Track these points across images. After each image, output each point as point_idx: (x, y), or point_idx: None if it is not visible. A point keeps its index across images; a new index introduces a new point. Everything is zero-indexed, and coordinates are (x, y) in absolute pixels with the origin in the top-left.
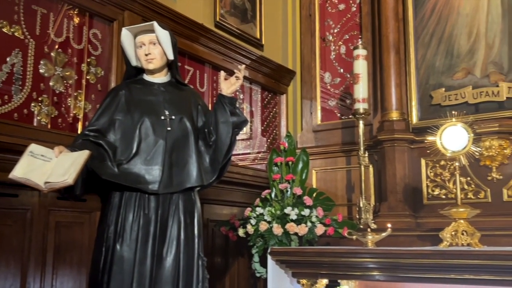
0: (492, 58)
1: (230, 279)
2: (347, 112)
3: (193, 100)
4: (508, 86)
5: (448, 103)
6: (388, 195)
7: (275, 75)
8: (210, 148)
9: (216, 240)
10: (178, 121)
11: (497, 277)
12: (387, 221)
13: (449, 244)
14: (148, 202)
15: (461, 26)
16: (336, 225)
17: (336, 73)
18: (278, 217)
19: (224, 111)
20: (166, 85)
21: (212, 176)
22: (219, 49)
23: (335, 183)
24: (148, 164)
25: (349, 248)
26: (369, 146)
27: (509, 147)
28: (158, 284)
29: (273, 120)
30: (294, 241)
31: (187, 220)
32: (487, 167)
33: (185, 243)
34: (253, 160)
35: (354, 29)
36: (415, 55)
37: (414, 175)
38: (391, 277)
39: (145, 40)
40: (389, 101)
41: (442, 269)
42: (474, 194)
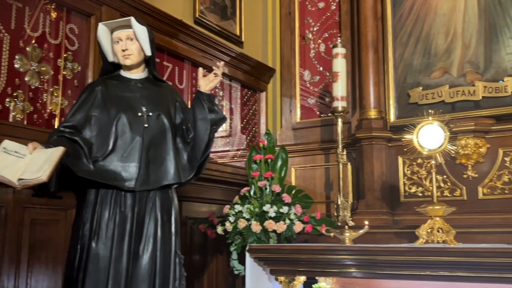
0: (469, 58)
1: (208, 277)
2: (326, 110)
3: (171, 96)
4: (483, 85)
5: (425, 102)
6: (366, 192)
7: (255, 72)
8: (188, 145)
9: (195, 238)
10: (156, 118)
11: (471, 274)
12: (365, 218)
13: (425, 241)
14: (124, 199)
15: (438, 25)
16: (314, 223)
17: (316, 71)
18: (257, 215)
19: (203, 108)
20: (144, 81)
21: (190, 173)
22: (198, 46)
23: (313, 180)
24: (124, 161)
25: (327, 245)
26: (348, 144)
27: (484, 146)
28: (134, 282)
29: (253, 117)
30: (273, 238)
31: (164, 218)
32: (463, 165)
33: (162, 241)
34: (232, 157)
35: (334, 27)
36: (393, 54)
37: (391, 173)
38: (368, 274)
39: (122, 36)
40: (367, 100)
41: (418, 266)
42: (450, 192)
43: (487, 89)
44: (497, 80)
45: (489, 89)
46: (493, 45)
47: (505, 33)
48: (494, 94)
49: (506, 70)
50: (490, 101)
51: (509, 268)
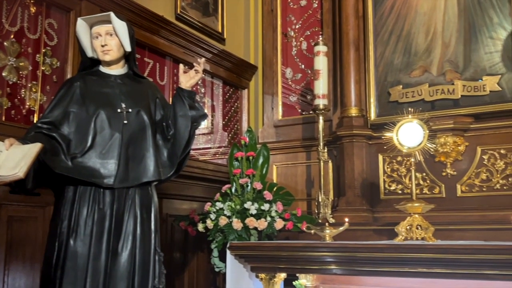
0: (448, 57)
1: (189, 274)
2: (307, 108)
3: (151, 93)
4: (463, 84)
5: (405, 100)
6: (347, 190)
7: (237, 69)
8: (168, 142)
9: (175, 235)
10: (135, 114)
11: (449, 270)
12: (345, 215)
13: (404, 238)
14: (103, 196)
15: (418, 24)
16: (295, 220)
17: (298, 68)
18: (238, 212)
19: (183, 105)
20: (123, 77)
21: (170, 170)
22: (180, 42)
23: (295, 178)
24: (103, 158)
25: (307, 243)
26: (329, 141)
27: (463, 144)
28: (113, 280)
29: (235, 114)
30: (254, 235)
31: (144, 215)
32: (442, 163)
33: (141, 238)
34: (214, 154)
35: (315, 25)
36: (374, 52)
37: (371, 170)
38: (348, 270)
39: (101, 31)
40: (349, 98)
41: (397, 263)
42: (429, 190)
43: (466, 88)
44: (476, 79)
45: (468, 88)
46: (472, 44)
47: (484, 33)
48: (473, 92)
49: (485, 69)
50: (469, 99)
51: (486, 264)
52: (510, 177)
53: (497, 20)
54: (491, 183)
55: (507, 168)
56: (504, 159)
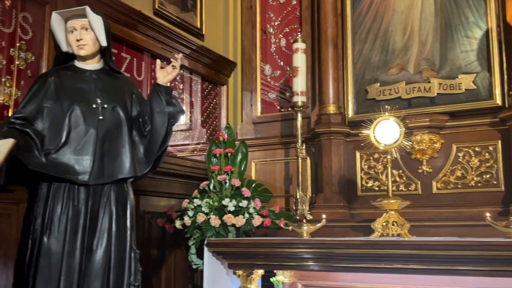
0: (425, 55)
1: (166, 271)
2: (286, 105)
3: (127, 88)
4: (439, 82)
5: (382, 98)
6: (324, 186)
7: (216, 65)
8: (145, 139)
9: (153, 232)
10: (111, 110)
11: (424, 266)
12: (323, 212)
13: (380, 234)
14: (77, 193)
15: (396, 22)
16: (273, 216)
17: (277, 65)
18: (216, 209)
19: (160, 101)
20: (99, 73)
21: (146, 167)
22: (158, 37)
23: (273, 174)
24: (78, 154)
25: (285, 239)
26: (307, 138)
27: (438, 141)
28: (87, 278)
29: (213, 111)
30: (232, 232)
31: (119, 212)
32: (418, 160)
33: (117, 236)
34: (192, 151)
35: (294, 22)
36: (352, 50)
37: (349, 167)
38: (325, 266)
39: (76, 25)
40: (327, 95)
41: (373, 259)
42: (405, 186)
43: (442, 86)
44: (452, 78)
45: (444, 86)
46: (448, 43)
47: (460, 32)
48: (448, 91)
49: (461, 68)
50: (445, 97)
51: (460, 260)
52: (484, 175)
53: (473, 19)
54: (466, 180)
55: (482, 165)
56: (479, 157)
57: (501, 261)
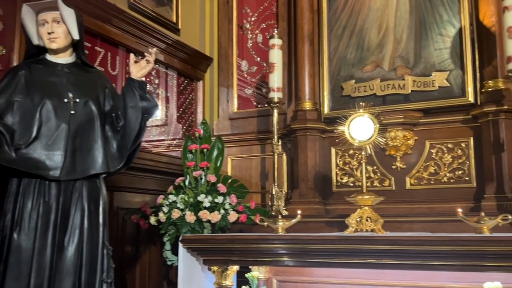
0: (399, 53)
1: (141, 268)
2: (263, 101)
3: (100, 82)
4: (413, 79)
5: (357, 95)
6: (300, 182)
7: (192, 61)
8: (118, 134)
9: (127, 229)
10: (83, 105)
11: (397, 261)
12: (298, 207)
13: (354, 230)
14: (48, 189)
15: (371, 20)
16: (249, 212)
17: (253, 61)
18: (191, 205)
19: (134, 96)
20: (71, 66)
21: (120, 162)
22: (133, 32)
23: (249, 170)
24: (49, 149)
25: (260, 235)
26: (283, 134)
27: (412, 138)
28: (58, 275)
29: (189, 106)
30: (207, 228)
31: (91, 208)
32: (392, 156)
33: (89, 232)
34: (167, 147)
35: (271, 18)
36: (328, 46)
37: (324, 163)
38: (300, 262)
39: (48, 18)
40: (303, 91)
41: (347, 254)
42: (379, 182)
43: (416, 83)
44: (425, 75)
45: (418, 83)
46: (422, 40)
47: (434, 29)
48: (422, 88)
49: (434, 65)
50: (418, 95)
51: (432, 255)
52: (456, 171)
53: (447, 18)
54: (438, 176)
55: (454, 162)
56: (451, 153)
57: (473, 256)
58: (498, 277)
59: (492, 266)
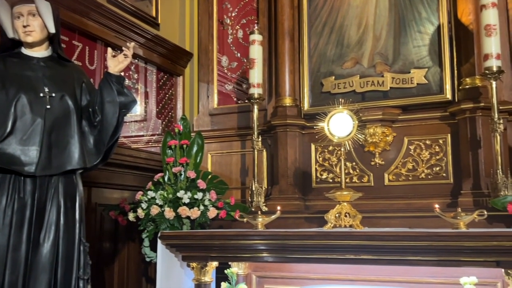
0: (379, 49)
1: (119, 264)
2: (243, 97)
3: (77, 77)
4: (392, 76)
5: (337, 91)
6: (280, 178)
7: (172, 56)
8: (95, 129)
9: (105, 225)
10: (59, 99)
11: (375, 257)
12: (278, 203)
13: (333, 225)
14: (23, 185)
15: (351, 17)
16: (229, 208)
17: (233, 57)
18: (171, 201)
19: (111, 90)
20: (47, 60)
21: (97, 158)
22: (111, 26)
23: (230, 166)
24: (24, 144)
25: (239, 231)
26: (263, 130)
27: (391, 134)
28: (34, 272)
29: (169, 102)
30: (186, 224)
31: (68, 204)
32: (371, 152)
33: (65, 228)
34: (146, 142)
35: (251, 14)
36: (308, 43)
37: (304, 159)
38: (279, 258)
39: (23, 11)
40: (283, 87)
41: (326, 250)
42: (358, 178)
43: (395, 80)
44: (404, 72)
45: (396, 80)
46: (401, 38)
47: (413, 27)
48: (401, 85)
49: (413, 62)
50: (397, 91)
51: (410, 250)
52: (434, 167)
53: (425, 15)
54: (416, 173)
55: (432, 158)
56: (429, 150)
57: (449, 251)
58: (474, 272)
59: (468, 261)
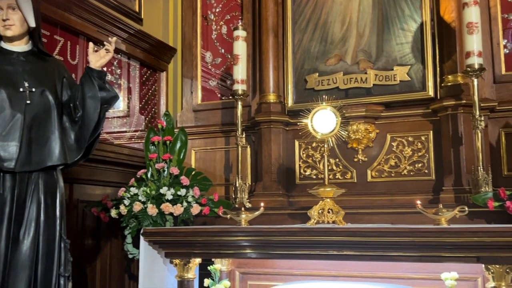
0: (362, 46)
1: (101, 261)
2: (227, 93)
3: (57, 72)
4: (375, 73)
5: (321, 88)
6: (264, 175)
7: (155, 51)
8: (76, 125)
9: (87, 222)
10: (39, 94)
11: (358, 253)
12: (262, 200)
13: (316, 221)
14: (3, 181)
15: (335, 13)
16: (212, 205)
17: (218, 53)
18: (153, 197)
19: (92, 85)
20: (27, 55)
21: (78, 154)
22: (94, 20)
23: (213, 163)
24: (3, 140)
25: (222, 227)
26: (247, 127)
27: (374, 131)
28: (13, 269)
29: (152, 98)
30: (169, 221)
31: (48, 201)
32: (354, 149)
33: (45, 225)
34: (129, 138)
35: (236, 9)
36: (292, 39)
37: (288, 156)
38: (262, 254)
39: (2, 4)
40: (267, 84)
41: (309, 246)
42: (341, 175)
43: (378, 77)
44: (387, 69)
45: (379, 77)
46: (384, 35)
47: (396, 24)
48: (384, 82)
49: (396, 60)
50: (380, 88)
51: (392, 246)
52: (416, 164)
53: (408, 12)
54: (399, 169)
55: (414, 155)
56: (412, 146)
57: (431, 247)
58: (455, 268)
59: (449, 256)
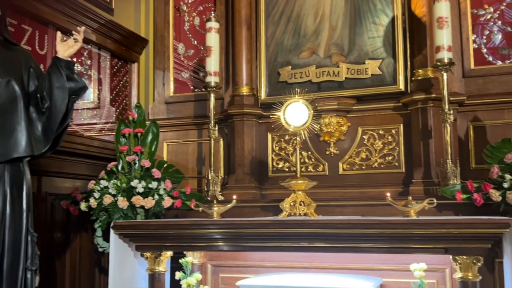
0: (335, 40)
1: (71, 255)
2: (200, 85)
3: (24, 61)
4: (347, 67)
5: (294, 81)
6: (236, 167)
7: (126, 42)
8: (43, 116)
9: (56, 215)
10: (5, 84)
11: (328, 244)
12: (234, 193)
13: (288, 214)
14: None
15: (308, 6)
16: (184, 198)
17: (190, 44)
18: (124, 190)
19: (60, 76)
20: None
21: (45, 146)
22: (63, 10)
23: (186, 155)
24: None
25: (194, 220)
26: (220, 119)
27: (345, 124)
28: None
29: (123, 89)
30: (140, 214)
31: (14, 193)
32: (326, 142)
33: (11, 218)
34: (100, 130)
35: (208, 1)
36: (265, 32)
37: (261, 148)
38: (234, 246)
39: None
40: (240, 76)
41: (280, 238)
42: (313, 168)
43: (350, 70)
44: (359, 63)
45: (351, 70)
46: (357, 28)
47: (368, 18)
48: (356, 75)
49: (368, 53)
50: (352, 82)
51: (362, 238)
52: (387, 156)
53: (380, 7)
54: (370, 162)
55: (385, 147)
56: (382, 139)
57: (400, 239)
58: (424, 259)
59: (418, 248)
